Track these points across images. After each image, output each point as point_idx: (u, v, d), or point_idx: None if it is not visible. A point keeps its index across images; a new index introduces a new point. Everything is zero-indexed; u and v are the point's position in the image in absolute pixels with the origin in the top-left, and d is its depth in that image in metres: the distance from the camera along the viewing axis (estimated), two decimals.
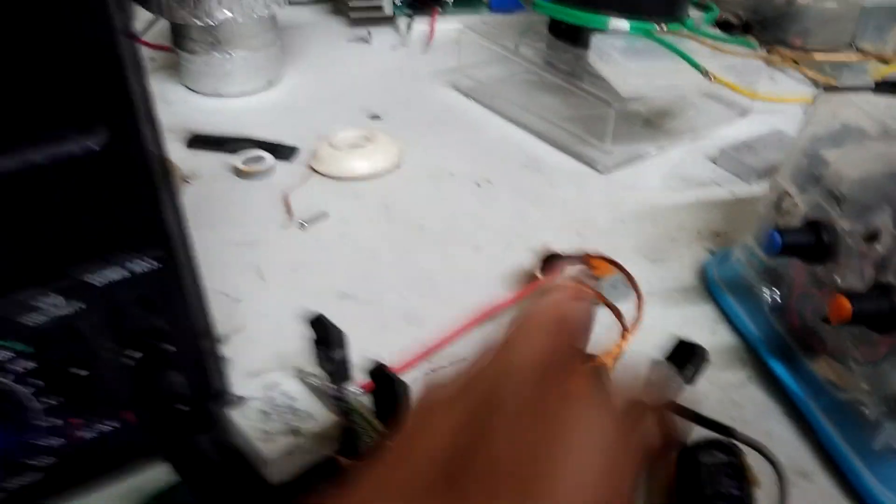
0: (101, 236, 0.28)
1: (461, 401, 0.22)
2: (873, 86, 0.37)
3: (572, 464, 0.19)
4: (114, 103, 0.25)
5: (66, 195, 0.26)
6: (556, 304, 0.25)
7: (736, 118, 0.70)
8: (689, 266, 0.51)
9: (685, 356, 0.32)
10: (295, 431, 0.32)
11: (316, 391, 0.35)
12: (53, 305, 0.27)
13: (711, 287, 0.49)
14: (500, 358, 0.23)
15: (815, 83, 0.50)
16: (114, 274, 0.28)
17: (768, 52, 0.57)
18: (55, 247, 0.27)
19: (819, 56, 0.54)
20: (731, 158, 0.62)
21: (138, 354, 0.30)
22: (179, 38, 0.70)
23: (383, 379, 0.32)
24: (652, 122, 0.69)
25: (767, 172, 0.59)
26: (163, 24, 0.74)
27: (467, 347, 0.44)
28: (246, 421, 0.32)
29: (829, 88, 0.41)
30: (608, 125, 0.60)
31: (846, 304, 0.34)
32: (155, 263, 0.29)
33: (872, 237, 0.36)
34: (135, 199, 0.27)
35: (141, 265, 0.29)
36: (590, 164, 0.62)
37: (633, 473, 0.21)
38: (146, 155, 0.26)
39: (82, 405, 0.32)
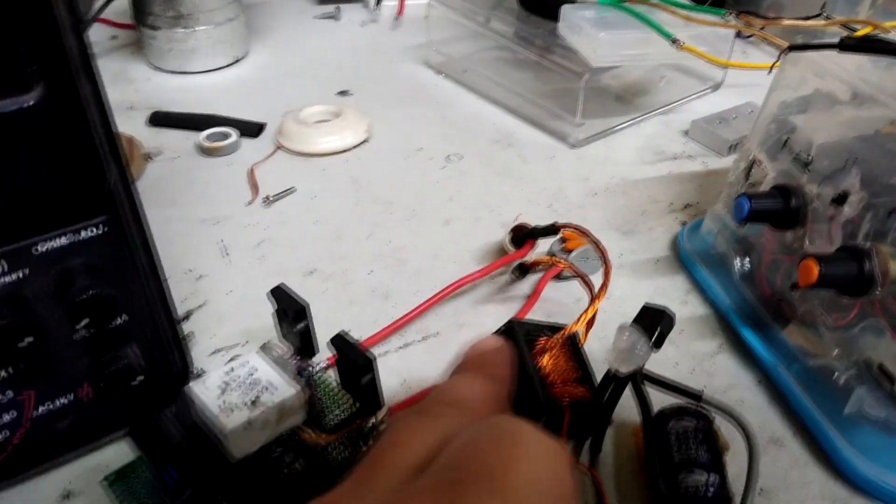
0: (42, 200, 0.27)
1: (430, 423, 0.24)
2: (839, 42, 0.37)
3: (529, 461, 0.21)
4: (49, 57, 0.24)
5: (2, 156, 0.25)
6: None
7: (709, 92, 0.70)
8: (661, 238, 0.51)
9: (652, 321, 0.32)
10: (256, 404, 0.31)
11: (279, 365, 0.34)
12: None
13: (683, 258, 0.48)
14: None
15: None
16: (57, 239, 0.27)
17: (740, 21, 0.57)
18: None
19: (788, 23, 0.54)
20: (704, 131, 0.62)
21: (88, 323, 0.28)
22: (141, 13, 0.68)
23: (344, 349, 0.32)
24: (624, 97, 0.68)
25: (740, 144, 0.59)
26: (124, 0, 0.72)
27: (437, 321, 0.44)
28: (207, 395, 0.31)
29: (795, 47, 0.41)
30: (579, 98, 0.59)
31: (814, 267, 0.34)
32: (101, 229, 0.28)
33: (841, 200, 0.36)
34: (76, 161, 0.26)
35: (86, 230, 0.28)
36: (561, 138, 0.62)
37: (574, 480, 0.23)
38: (85, 112, 0.25)
39: (33, 377, 0.31)
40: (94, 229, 0.28)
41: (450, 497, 0.20)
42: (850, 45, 0.37)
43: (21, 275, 0.28)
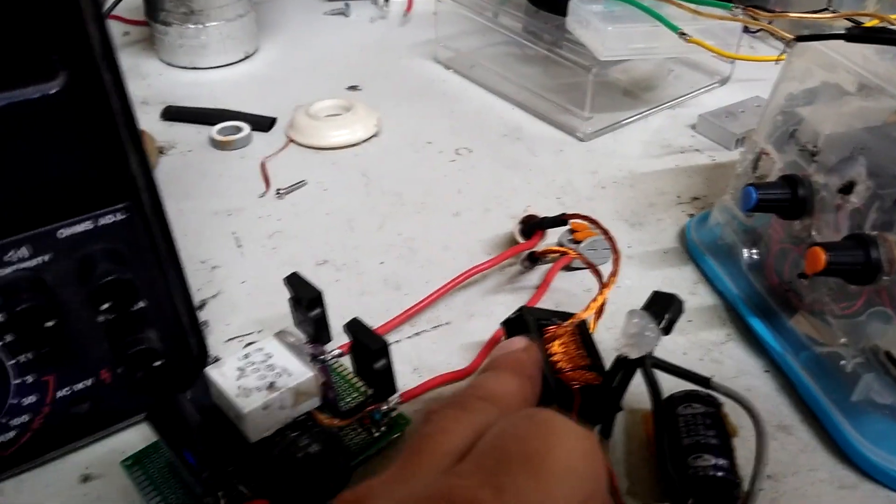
0: (65, 186, 0.27)
1: (466, 415, 0.26)
2: (845, 32, 0.37)
3: (564, 448, 0.23)
4: (72, 46, 0.24)
5: (26, 143, 0.25)
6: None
7: (716, 86, 0.70)
8: (670, 229, 0.51)
9: (661, 306, 0.32)
10: (273, 387, 0.31)
11: (294, 350, 0.34)
12: (18, 257, 0.27)
13: (691, 249, 0.49)
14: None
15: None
16: (80, 225, 0.28)
17: (746, 14, 0.57)
18: (18, 197, 0.27)
19: (794, 16, 0.54)
20: (711, 124, 0.62)
21: (109, 307, 0.29)
22: (153, 10, 0.69)
23: (359, 334, 0.32)
24: (632, 91, 0.68)
25: (747, 137, 0.59)
26: None
27: (447, 311, 0.44)
28: (223, 379, 0.32)
29: (802, 38, 0.41)
30: (587, 91, 0.60)
31: (822, 255, 0.34)
32: (121, 215, 0.29)
33: (848, 189, 0.36)
34: (98, 147, 0.27)
35: (108, 216, 0.28)
36: (570, 132, 0.62)
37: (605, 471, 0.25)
38: (107, 100, 0.26)
39: (55, 361, 0.31)
40: (116, 215, 0.29)
41: (493, 479, 0.21)
42: (856, 35, 0.37)
43: (44, 259, 0.28)
